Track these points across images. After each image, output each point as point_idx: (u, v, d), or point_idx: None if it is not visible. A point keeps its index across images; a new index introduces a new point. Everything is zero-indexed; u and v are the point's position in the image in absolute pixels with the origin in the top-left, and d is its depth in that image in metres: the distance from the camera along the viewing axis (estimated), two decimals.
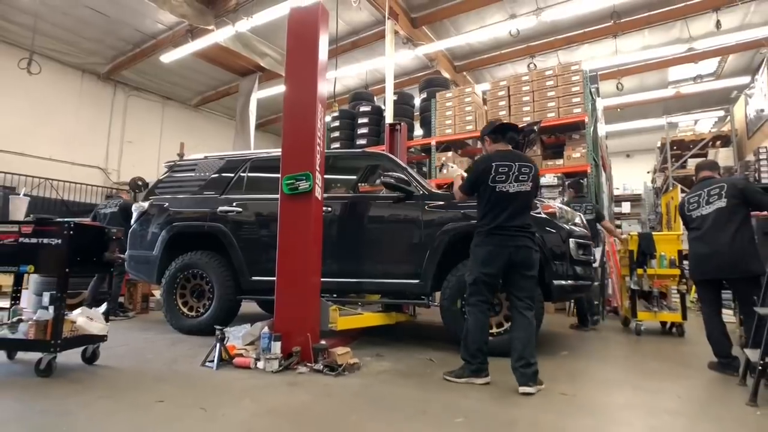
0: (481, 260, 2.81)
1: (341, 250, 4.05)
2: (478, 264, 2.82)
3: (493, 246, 2.78)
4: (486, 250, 2.80)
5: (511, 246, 2.76)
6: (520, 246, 2.78)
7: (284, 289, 3.27)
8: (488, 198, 2.84)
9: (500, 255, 2.77)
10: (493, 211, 2.82)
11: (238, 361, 3.08)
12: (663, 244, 4.72)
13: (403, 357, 3.46)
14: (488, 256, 2.79)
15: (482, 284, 2.81)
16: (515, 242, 2.77)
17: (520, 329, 2.75)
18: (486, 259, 2.79)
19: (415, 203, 3.92)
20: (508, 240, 2.77)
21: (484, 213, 2.87)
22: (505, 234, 2.78)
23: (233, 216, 4.38)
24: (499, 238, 2.78)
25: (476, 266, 2.83)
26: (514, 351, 2.68)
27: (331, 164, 4.48)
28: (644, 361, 3.56)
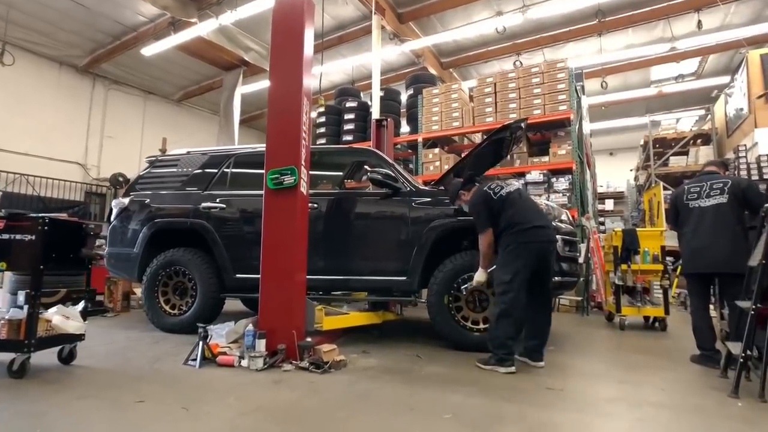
0: (524, 257, 3.00)
1: (327, 247, 4.00)
2: (520, 261, 3.00)
3: (532, 243, 3.04)
4: (527, 248, 3.01)
5: (545, 241, 3.09)
6: (552, 240, 3.21)
7: (269, 286, 3.21)
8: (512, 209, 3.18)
9: (539, 250, 3.07)
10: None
11: (221, 360, 3.02)
12: (646, 239, 4.78)
13: (390, 354, 3.44)
14: (528, 253, 3.01)
15: (522, 280, 2.99)
16: (548, 237, 3.14)
17: (547, 321, 3.21)
18: (527, 255, 3.01)
19: (402, 200, 3.89)
20: (542, 236, 3.08)
21: (514, 220, 3.10)
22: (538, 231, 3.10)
23: (216, 212, 4.29)
24: (534, 234, 3.06)
25: (516, 263, 2.99)
26: (541, 335, 3.15)
27: (316, 160, 4.41)
28: (628, 354, 3.61)
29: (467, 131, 7.69)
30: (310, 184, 3.99)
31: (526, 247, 3.02)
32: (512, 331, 2.98)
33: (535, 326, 3.14)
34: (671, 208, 3.58)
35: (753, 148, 6.74)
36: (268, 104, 3.42)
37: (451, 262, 3.64)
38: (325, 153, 4.59)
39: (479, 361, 3.02)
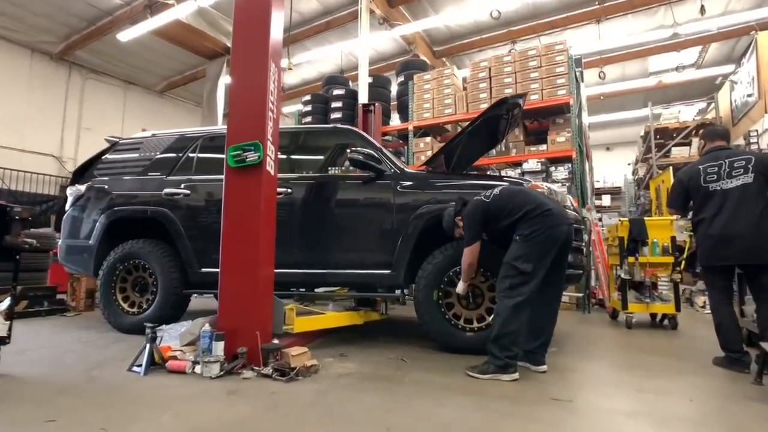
0: (548, 244, 2.64)
1: (302, 238, 3.57)
2: (544, 248, 2.62)
3: (557, 227, 2.66)
4: (552, 234, 2.63)
5: (568, 224, 2.75)
6: (572, 225, 2.85)
7: (229, 281, 2.77)
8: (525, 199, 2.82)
9: (565, 235, 2.71)
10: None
11: (171, 365, 2.58)
12: (655, 230, 4.39)
13: (371, 357, 3.01)
14: (552, 241, 2.64)
15: (543, 271, 2.63)
16: (570, 221, 2.80)
17: (552, 317, 2.84)
18: (551, 242, 2.64)
19: (386, 184, 3.46)
20: (565, 220, 2.73)
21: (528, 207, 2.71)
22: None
23: (180, 199, 3.83)
24: (558, 219, 2.69)
25: (540, 251, 2.61)
26: (543, 334, 2.76)
27: (290, 142, 3.99)
28: (640, 356, 3.20)
29: (461, 119, 7.26)
30: (284, 169, 3.58)
31: (552, 233, 2.61)
32: (524, 329, 2.59)
33: (537, 323, 2.74)
34: (678, 190, 3.13)
35: (765, 134, 6.38)
36: (231, 71, 2.97)
37: (441, 253, 3.22)
38: (299, 134, 4.14)
39: (472, 369, 2.59)
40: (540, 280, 2.60)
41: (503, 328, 2.56)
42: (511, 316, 2.56)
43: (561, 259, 2.74)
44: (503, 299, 2.60)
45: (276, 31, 2.96)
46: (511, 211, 2.70)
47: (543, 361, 2.73)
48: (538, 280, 2.60)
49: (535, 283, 2.59)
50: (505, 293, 2.60)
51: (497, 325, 2.58)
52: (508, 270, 2.62)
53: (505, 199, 2.76)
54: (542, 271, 2.61)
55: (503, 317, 2.57)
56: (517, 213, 2.67)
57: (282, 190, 3.55)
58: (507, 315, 2.56)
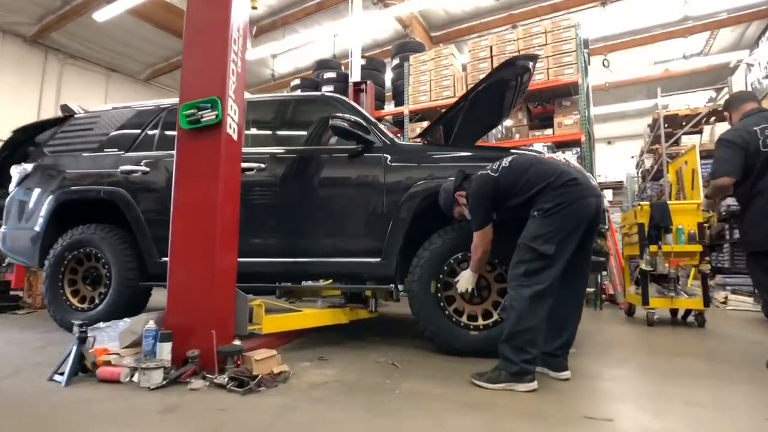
0: (574, 222, 2.12)
1: (279, 221, 3.06)
2: (569, 226, 2.11)
3: (585, 200, 2.14)
4: (580, 208, 2.12)
5: (597, 196, 2.22)
6: (601, 198, 2.29)
7: (180, 268, 2.26)
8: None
9: (594, 211, 2.17)
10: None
11: (102, 373, 2.06)
12: (680, 215, 3.91)
13: (356, 361, 2.51)
14: (578, 218, 2.13)
15: (567, 255, 2.12)
16: (598, 193, 2.26)
17: (576, 312, 2.33)
18: (577, 220, 2.13)
19: (375, 158, 2.95)
20: (593, 192, 2.20)
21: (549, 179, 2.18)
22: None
23: (138, 177, 3.31)
24: (585, 190, 2.16)
25: (563, 229, 2.10)
26: (566, 333, 2.26)
27: (268, 113, 3.47)
28: (676, 360, 2.71)
29: None
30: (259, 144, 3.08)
31: (579, 206, 2.10)
32: (543, 326, 2.10)
33: (558, 320, 2.24)
34: (735, 153, 2.54)
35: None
36: (186, 16, 2.46)
37: (440, 237, 2.72)
38: (278, 104, 3.58)
39: (480, 377, 2.09)
40: (563, 265, 2.11)
41: (518, 325, 2.06)
42: (529, 310, 2.06)
43: (588, 240, 2.23)
44: (518, 288, 2.10)
45: None
46: (525, 185, 2.19)
47: (565, 366, 2.24)
48: (561, 264, 2.10)
49: (558, 268, 2.09)
50: (521, 281, 2.10)
51: (511, 322, 2.08)
52: (524, 252, 2.12)
53: (517, 172, 2.25)
54: (566, 253, 2.10)
55: (518, 311, 2.06)
56: (533, 187, 2.16)
57: (253, 165, 3.05)
58: (523, 308, 2.06)
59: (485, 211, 2.29)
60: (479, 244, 2.32)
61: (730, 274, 5.99)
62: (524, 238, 2.14)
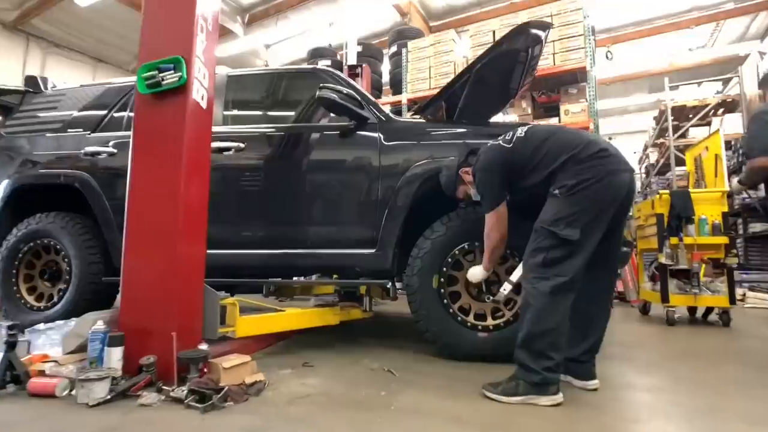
0: (602, 202, 1.77)
1: (260, 208, 2.70)
2: (597, 207, 1.76)
3: (618, 174, 1.79)
4: (611, 186, 1.77)
5: (629, 171, 1.84)
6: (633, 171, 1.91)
7: (136, 259, 1.91)
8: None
9: (626, 190, 1.81)
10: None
11: (33, 386, 1.70)
12: (702, 204, 3.57)
13: (346, 368, 2.16)
14: (607, 199, 1.77)
15: (595, 242, 1.77)
16: (630, 167, 1.87)
17: (604, 311, 2.01)
18: (607, 200, 1.78)
19: (369, 136, 2.60)
20: (625, 166, 1.84)
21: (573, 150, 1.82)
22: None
23: (104, 160, 2.94)
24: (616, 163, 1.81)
25: (590, 211, 1.74)
26: (593, 334, 1.93)
27: (251, 88, 3.11)
28: (712, 366, 2.37)
29: None
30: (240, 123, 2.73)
31: (610, 182, 1.75)
32: (566, 326, 1.75)
33: (584, 320, 1.89)
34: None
35: None
36: None
37: (443, 224, 2.37)
38: (263, 78, 3.19)
39: (493, 389, 1.74)
40: (589, 255, 1.76)
41: (537, 326, 1.71)
42: (550, 307, 1.71)
43: (617, 225, 1.88)
44: (536, 282, 1.75)
45: None
46: (545, 158, 1.84)
47: (593, 374, 1.90)
48: (587, 253, 1.75)
49: (583, 257, 1.75)
50: (539, 272, 1.75)
51: (528, 322, 1.73)
52: (542, 238, 1.77)
53: (535, 142, 1.90)
54: (593, 240, 1.76)
55: (537, 309, 1.72)
56: (555, 160, 1.81)
57: (232, 144, 2.69)
58: (543, 305, 1.71)
59: (497, 188, 1.94)
60: (493, 229, 1.97)
61: (745, 270, 5.67)
62: (543, 221, 1.79)
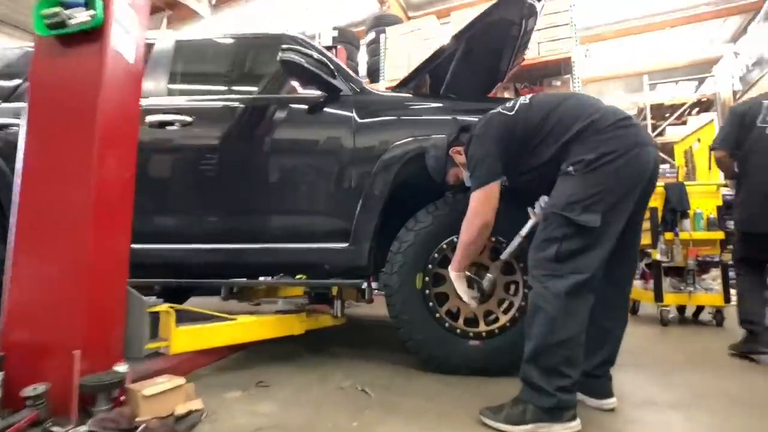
0: (627, 181, 1.42)
1: (211, 194, 2.27)
2: (622, 188, 1.42)
3: (637, 150, 1.43)
4: (636, 162, 1.42)
5: (652, 146, 1.48)
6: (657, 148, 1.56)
7: (28, 256, 1.45)
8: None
9: (651, 169, 1.47)
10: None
11: None
12: (696, 197, 3.36)
13: (310, 386, 1.76)
14: (631, 178, 1.43)
15: (617, 231, 1.43)
16: (653, 142, 1.51)
17: (621, 317, 1.64)
18: (631, 180, 1.43)
19: (339, 113, 2.21)
20: (649, 141, 1.49)
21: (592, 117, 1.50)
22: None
23: (15, 135, 2.43)
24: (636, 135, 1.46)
25: (614, 192, 1.41)
26: (607, 343, 1.60)
27: (207, 57, 2.66)
28: (733, 374, 2.10)
29: None
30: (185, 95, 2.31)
31: (637, 158, 1.41)
32: (584, 335, 1.40)
33: (600, 327, 1.56)
34: (731, 125, 2.54)
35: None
36: None
37: (429, 214, 2.01)
38: (210, 47, 2.72)
39: (494, 414, 1.38)
40: (612, 246, 1.43)
41: (551, 335, 1.36)
42: (565, 312, 1.37)
43: (639, 211, 1.56)
44: (548, 281, 1.40)
45: None
46: (556, 128, 1.50)
47: (610, 391, 1.58)
48: (611, 244, 1.42)
49: (605, 249, 1.41)
50: (552, 269, 1.41)
51: (538, 331, 1.38)
52: (554, 226, 1.42)
53: (542, 110, 1.55)
54: (616, 228, 1.42)
55: (550, 314, 1.37)
56: (569, 129, 1.47)
57: (176, 118, 2.25)
58: (557, 310, 1.37)
59: (492, 161, 1.58)
60: (477, 212, 1.60)
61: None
62: (554, 205, 1.45)
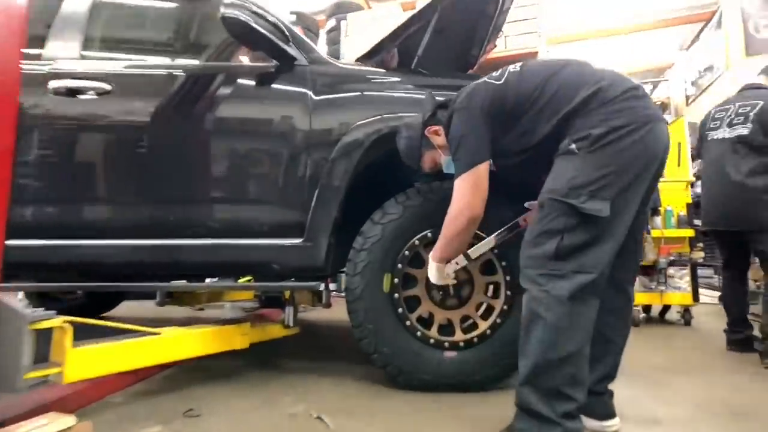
0: (641, 161, 1.20)
1: (128, 179, 1.87)
2: (633, 169, 1.18)
3: (651, 126, 1.19)
4: (642, 135, 1.18)
5: (664, 122, 1.26)
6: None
7: None
8: None
9: (659, 144, 1.23)
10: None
11: None
12: (667, 195, 3.29)
13: (250, 415, 1.42)
14: (646, 158, 1.20)
15: (628, 221, 1.21)
16: (663, 117, 1.29)
17: (623, 325, 1.38)
18: (645, 161, 1.20)
19: (294, 86, 1.87)
20: (660, 114, 1.27)
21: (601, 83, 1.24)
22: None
23: None
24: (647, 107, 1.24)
25: (624, 174, 1.17)
26: (609, 355, 1.34)
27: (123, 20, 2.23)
28: (723, 380, 1.96)
29: None
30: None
31: (651, 135, 1.17)
32: (588, 347, 1.17)
33: (600, 336, 1.29)
34: (697, 137, 2.81)
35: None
36: None
37: (399, 204, 1.72)
38: (138, 9, 2.28)
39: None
40: (622, 239, 1.20)
41: (553, 350, 1.11)
42: (569, 320, 1.11)
43: (647, 199, 1.32)
44: (547, 282, 1.14)
45: None
46: (554, 98, 1.23)
47: (611, 410, 1.34)
48: (621, 238, 1.19)
49: (615, 244, 1.18)
50: (552, 268, 1.15)
51: (537, 345, 1.12)
52: (555, 216, 1.17)
53: (537, 78, 1.28)
54: (627, 219, 1.19)
55: (551, 324, 1.11)
56: (571, 101, 1.21)
57: (91, 85, 1.83)
58: (559, 318, 1.11)
59: (480, 140, 1.31)
60: (462, 203, 1.32)
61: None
62: (553, 191, 1.19)
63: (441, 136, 1.48)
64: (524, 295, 1.21)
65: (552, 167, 1.23)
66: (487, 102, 1.30)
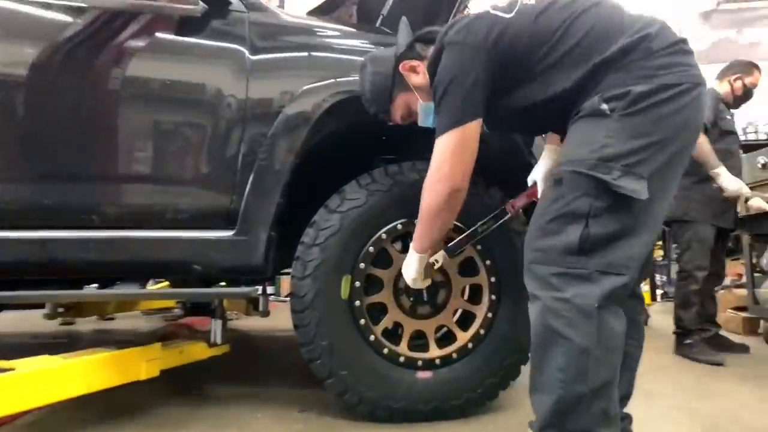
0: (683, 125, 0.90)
1: (13, 149, 1.35)
2: (677, 135, 0.91)
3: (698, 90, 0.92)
4: (689, 99, 0.89)
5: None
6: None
7: None
8: None
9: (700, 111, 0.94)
10: None
11: None
12: None
13: None
14: (687, 114, 0.90)
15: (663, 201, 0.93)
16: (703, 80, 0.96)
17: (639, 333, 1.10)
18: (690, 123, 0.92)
19: (228, 40, 1.44)
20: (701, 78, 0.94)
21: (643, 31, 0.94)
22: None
23: None
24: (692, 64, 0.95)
25: (663, 139, 0.88)
26: (628, 371, 1.06)
27: None
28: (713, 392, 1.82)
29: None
30: None
31: (698, 101, 0.90)
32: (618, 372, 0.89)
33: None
34: None
35: None
36: None
37: (363, 188, 1.36)
38: None
39: None
40: (660, 231, 0.97)
41: (582, 381, 0.82)
42: (599, 338, 0.83)
43: None
44: (564, 286, 0.86)
45: None
46: (585, 40, 0.93)
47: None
48: (658, 228, 0.97)
49: (654, 236, 0.95)
50: (571, 265, 0.86)
51: (560, 376, 0.83)
52: (576, 195, 0.88)
53: (560, 13, 0.97)
54: (664, 205, 0.93)
55: (578, 345, 0.82)
56: (607, 47, 0.91)
57: None
58: (587, 335, 0.83)
59: (473, 87, 0.97)
60: (444, 168, 1.00)
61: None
62: (575, 161, 0.90)
63: (420, 74, 1.14)
64: (530, 303, 0.92)
65: (570, 131, 0.95)
66: (492, 39, 0.97)
